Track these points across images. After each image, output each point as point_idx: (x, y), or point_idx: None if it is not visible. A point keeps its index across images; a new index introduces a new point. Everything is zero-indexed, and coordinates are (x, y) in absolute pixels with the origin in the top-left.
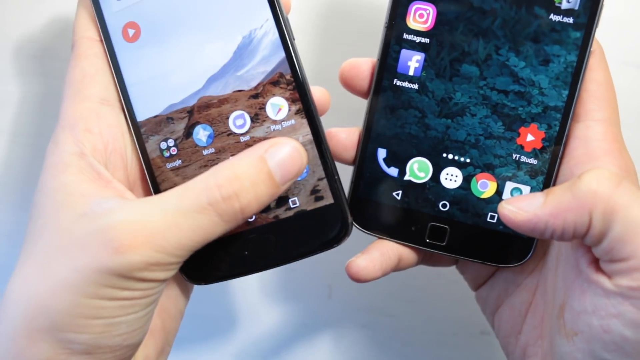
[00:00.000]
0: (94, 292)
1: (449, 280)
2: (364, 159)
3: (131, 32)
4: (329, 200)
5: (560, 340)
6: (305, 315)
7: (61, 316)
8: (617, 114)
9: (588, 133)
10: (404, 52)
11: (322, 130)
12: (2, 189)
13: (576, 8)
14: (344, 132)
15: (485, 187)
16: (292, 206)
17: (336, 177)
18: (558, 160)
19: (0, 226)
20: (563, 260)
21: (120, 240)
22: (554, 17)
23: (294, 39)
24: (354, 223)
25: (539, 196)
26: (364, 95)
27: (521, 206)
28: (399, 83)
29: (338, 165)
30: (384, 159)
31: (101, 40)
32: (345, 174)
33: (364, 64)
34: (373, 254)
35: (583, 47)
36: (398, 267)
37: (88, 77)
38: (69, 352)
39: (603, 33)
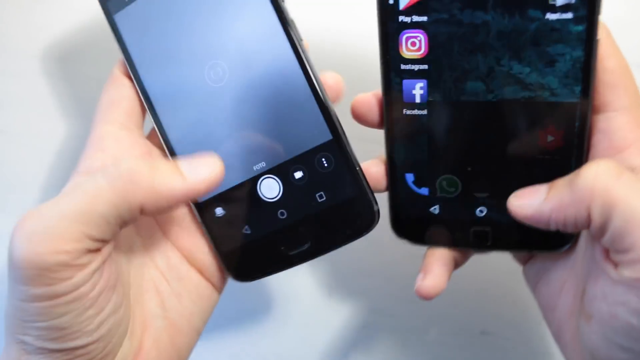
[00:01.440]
0: (15, 289)
1: (449, 281)
2: (395, 186)
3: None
4: (355, 192)
5: (581, 322)
6: (305, 315)
7: (10, 319)
8: (638, 98)
9: (610, 125)
10: (406, 82)
11: (341, 128)
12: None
13: (573, 1)
14: (373, 166)
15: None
16: (319, 200)
17: (358, 169)
18: (584, 156)
19: None
20: (588, 246)
21: (13, 233)
22: (551, 16)
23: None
24: (404, 238)
25: (543, 190)
26: (379, 126)
27: (526, 201)
28: (408, 112)
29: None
30: (413, 182)
31: (125, 66)
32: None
33: (372, 98)
34: (434, 270)
35: (588, 40)
36: (455, 268)
37: (114, 104)
38: (25, 352)
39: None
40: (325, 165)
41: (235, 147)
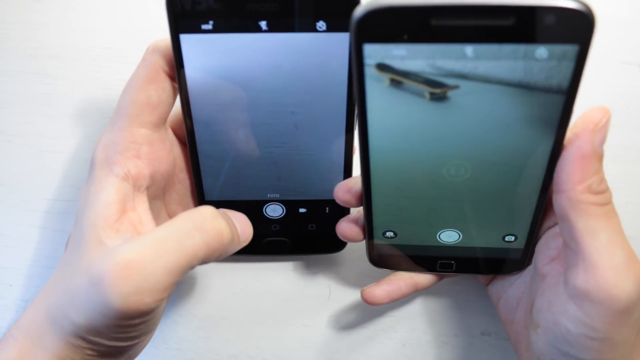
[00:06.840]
0: (100, 322)
1: (449, 281)
2: (370, 233)
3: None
4: (331, 230)
5: (531, 331)
6: (305, 315)
7: (76, 327)
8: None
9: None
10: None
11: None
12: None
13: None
14: (353, 221)
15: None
16: (309, 228)
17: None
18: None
19: None
20: (535, 268)
21: (113, 279)
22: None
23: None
24: (379, 267)
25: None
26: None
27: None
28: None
29: None
30: (384, 232)
31: (174, 79)
32: None
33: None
34: (389, 287)
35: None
36: (415, 290)
37: (151, 106)
38: (87, 343)
39: (605, 33)
40: (327, 212)
41: (257, 175)
